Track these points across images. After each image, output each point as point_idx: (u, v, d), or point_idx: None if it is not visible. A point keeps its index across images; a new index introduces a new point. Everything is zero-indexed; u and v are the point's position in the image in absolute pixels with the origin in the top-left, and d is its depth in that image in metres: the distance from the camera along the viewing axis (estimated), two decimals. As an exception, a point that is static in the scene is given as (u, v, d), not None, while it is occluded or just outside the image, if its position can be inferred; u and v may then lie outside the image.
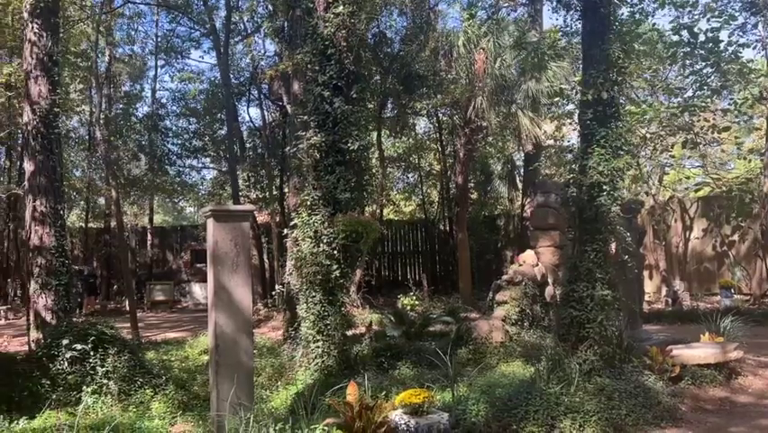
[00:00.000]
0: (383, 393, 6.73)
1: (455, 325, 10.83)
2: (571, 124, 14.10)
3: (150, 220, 24.78)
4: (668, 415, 6.36)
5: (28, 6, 8.83)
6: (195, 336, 12.50)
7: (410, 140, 24.01)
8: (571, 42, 14.65)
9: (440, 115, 20.93)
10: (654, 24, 12.30)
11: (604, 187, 7.34)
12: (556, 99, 15.24)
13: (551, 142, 21.08)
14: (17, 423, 6.68)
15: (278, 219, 19.78)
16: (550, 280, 11.20)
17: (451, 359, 7.06)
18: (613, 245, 7.72)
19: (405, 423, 5.50)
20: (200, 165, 25.18)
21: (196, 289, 21.08)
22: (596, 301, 7.22)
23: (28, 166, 8.98)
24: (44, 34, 8.87)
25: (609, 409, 6.09)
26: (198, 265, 22.11)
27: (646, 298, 15.05)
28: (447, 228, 22.90)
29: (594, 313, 7.19)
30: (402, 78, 16.26)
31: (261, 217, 21.00)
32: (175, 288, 21.38)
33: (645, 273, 15.66)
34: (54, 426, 6.31)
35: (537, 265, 11.20)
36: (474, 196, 22.03)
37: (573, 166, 8.12)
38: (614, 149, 7.45)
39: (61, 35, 11.27)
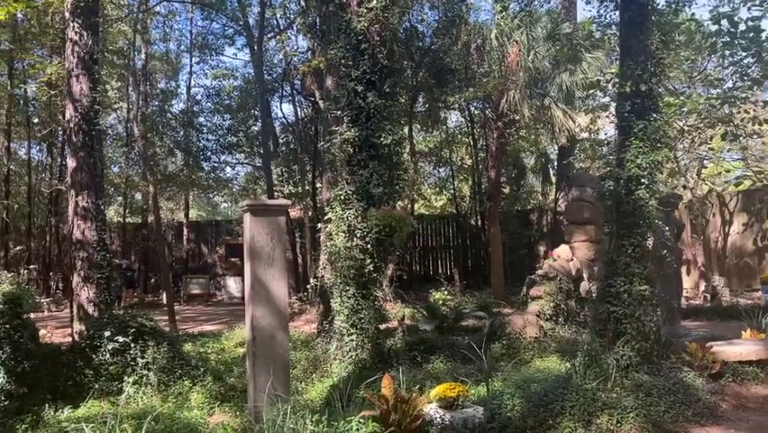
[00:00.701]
0: (417, 387, 6.76)
1: (488, 320, 10.79)
2: (608, 116, 13.86)
3: (186, 215, 25.21)
4: (709, 412, 6.24)
5: (69, 6, 9.05)
6: (230, 328, 12.70)
7: (441, 134, 23.93)
8: (606, 34, 14.40)
9: (472, 108, 20.80)
10: (693, 14, 12.00)
11: (642, 180, 7.22)
12: (591, 91, 14.99)
13: (585, 135, 20.78)
14: (62, 412, 6.91)
15: (310, 214, 19.94)
16: (585, 276, 11.06)
17: (485, 354, 7.06)
18: (651, 240, 7.58)
19: (440, 417, 5.51)
20: (234, 161, 25.50)
21: (231, 282, 21.38)
22: (633, 296, 7.11)
23: (70, 162, 9.23)
24: (85, 33, 9.09)
25: (648, 405, 6.00)
26: (233, 259, 22.42)
27: (684, 293, 14.73)
28: (479, 223, 22.79)
29: (631, 308, 7.09)
30: (434, 71, 16.20)
31: (294, 212, 21.19)
32: (210, 281, 21.73)
33: (683, 268, 15.32)
34: (97, 415, 6.51)
35: (572, 260, 11.07)
36: (506, 190, 21.86)
37: (610, 159, 8.00)
38: (652, 141, 7.31)
39: (100, 34, 11.52)
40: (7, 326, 7.12)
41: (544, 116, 16.65)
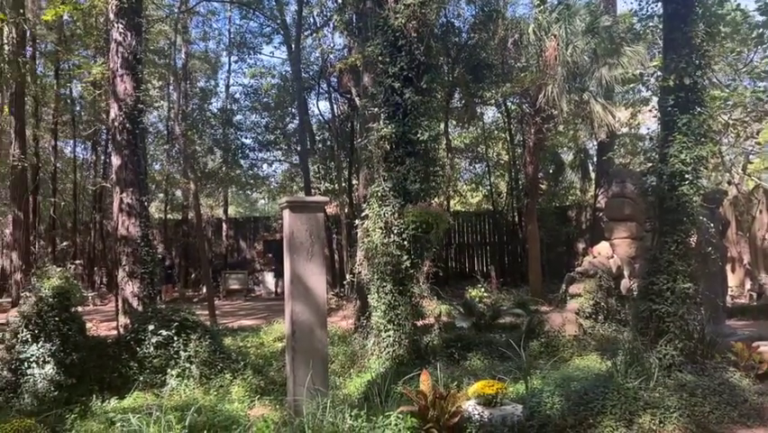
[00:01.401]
0: (455, 384, 6.75)
1: (526, 317, 10.69)
2: (651, 111, 13.57)
3: (225, 212, 25.63)
4: (755, 414, 6.07)
5: (113, 8, 9.29)
6: (268, 323, 12.86)
7: (477, 130, 23.77)
8: (647, 26, 14.06)
9: (509, 104, 20.60)
10: (739, 4, 11.65)
11: (686, 176, 7.06)
12: (631, 86, 14.69)
13: (625, 129, 20.38)
14: (109, 402, 7.12)
15: (346, 210, 20.05)
16: (626, 273, 10.87)
17: (523, 351, 7.01)
18: (694, 237, 7.41)
19: (478, 414, 5.50)
20: (272, 158, 25.80)
21: (269, 278, 21.66)
22: (677, 294, 6.97)
23: (115, 160, 9.47)
24: (128, 34, 9.31)
25: (692, 405, 5.88)
26: (270, 255, 22.72)
27: (729, 292, 14.34)
28: (516, 219, 22.57)
29: (675, 307, 6.94)
30: (470, 67, 16.09)
31: (330, 209, 21.34)
32: (248, 277, 22.03)
33: (728, 266, 14.91)
34: (142, 406, 6.68)
35: (612, 257, 10.89)
36: (544, 186, 21.59)
37: (653, 154, 7.84)
38: (696, 136, 7.14)
39: (143, 34, 11.78)
40: (56, 319, 7.38)
41: (582, 111, 16.40)
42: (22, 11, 13.11)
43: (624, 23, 15.39)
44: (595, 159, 20.27)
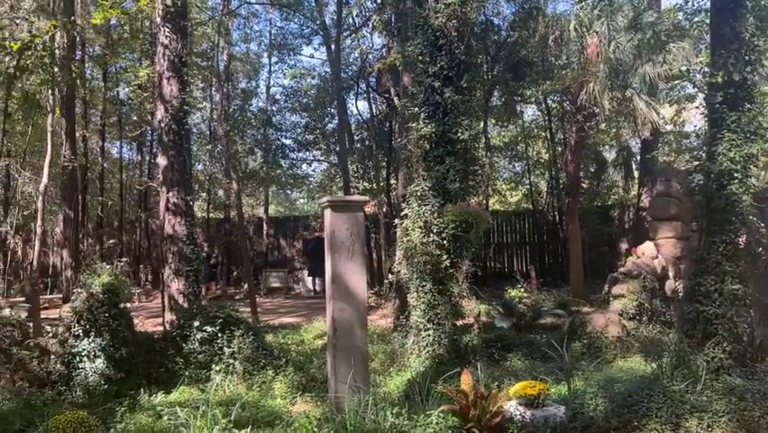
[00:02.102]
0: (495, 384, 6.73)
1: (567, 318, 10.56)
2: (698, 107, 13.23)
3: (266, 211, 25.98)
4: (808, 420, 5.88)
5: (160, 12, 9.52)
6: (308, 321, 13.01)
7: (517, 128, 23.54)
8: (693, 21, 13.71)
9: (549, 101, 20.34)
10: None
11: (735, 174, 6.88)
12: (676, 82, 14.34)
13: (669, 127, 19.90)
14: (156, 396, 7.33)
15: (384, 210, 20.10)
16: (671, 274, 10.64)
17: (565, 352, 6.93)
18: (744, 237, 7.22)
19: (520, 414, 5.48)
20: (311, 158, 26.05)
21: (308, 276, 21.85)
22: (725, 296, 6.80)
23: (161, 161, 9.72)
24: (174, 37, 9.53)
25: (741, 410, 5.73)
26: (306, 254, 22.94)
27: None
28: (556, 219, 22.27)
29: (723, 308, 6.78)
30: (510, 65, 15.96)
31: (368, 208, 21.41)
32: (288, 275, 22.28)
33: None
34: (188, 400, 6.86)
35: (657, 258, 10.67)
36: (586, 185, 21.24)
37: (699, 152, 7.69)
38: (746, 133, 6.95)
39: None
40: (106, 315, 7.63)
41: (625, 109, 16.06)
42: (72, 17, 13.53)
43: (668, 19, 15.04)
44: (638, 157, 19.85)
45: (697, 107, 13.05)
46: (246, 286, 18.73)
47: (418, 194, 8.61)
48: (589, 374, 7.07)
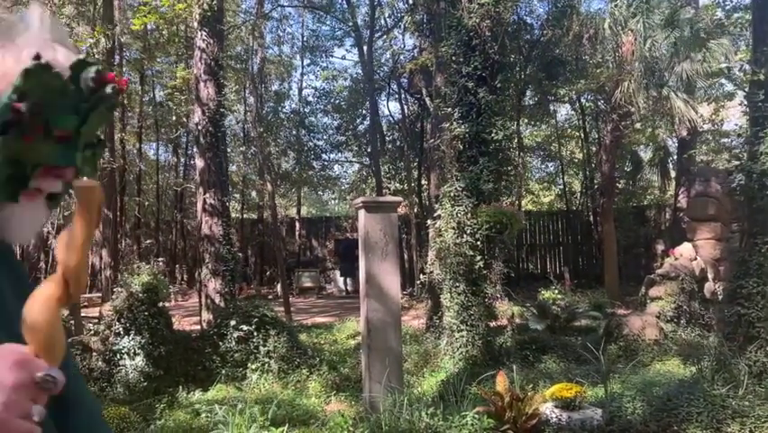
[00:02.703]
0: (530, 386, 6.69)
1: (603, 320, 10.41)
2: (741, 104, 12.93)
3: (298, 211, 26.23)
4: None
5: (197, 16, 9.71)
6: (341, 321, 13.08)
7: (550, 128, 23.32)
8: (733, 18, 13.39)
9: (583, 100, 20.10)
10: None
11: (778, 174, 6.72)
12: (715, 80, 14.03)
13: (708, 126, 19.47)
14: (193, 394, 7.47)
15: (416, 211, 20.10)
16: (710, 276, 10.41)
17: (602, 354, 6.85)
18: (787, 238, 7.04)
19: (556, 417, 5.43)
20: (342, 159, 26.19)
21: (340, 276, 21.98)
22: (768, 299, 6.65)
23: (198, 163, 9.90)
24: (211, 41, 9.71)
25: (785, 415, 5.59)
26: (339, 254, 23.06)
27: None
28: (590, 219, 21.98)
29: (765, 311, 6.62)
30: (543, 64, 15.83)
31: (400, 209, 21.40)
32: (321, 275, 22.44)
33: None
34: (225, 398, 6.98)
35: (695, 259, 10.45)
36: (621, 185, 20.92)
37: (740, 152, 7.50)
38: (791, 132, 6.78)
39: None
40: (146, 313, 7.81)
41: (662, 107, 15.78)
42: (111, 23, 13.86)
43: (707, 15, 14.73)
44: (675, 156, 19.47)
45: (740, 104, 12.77)
46: (279, 286, 18.93)
47: (451, 194, 8.60)
48: (626, 377, 6.97)
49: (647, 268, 17.64)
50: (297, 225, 25.03)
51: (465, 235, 8.35)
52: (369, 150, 22.98)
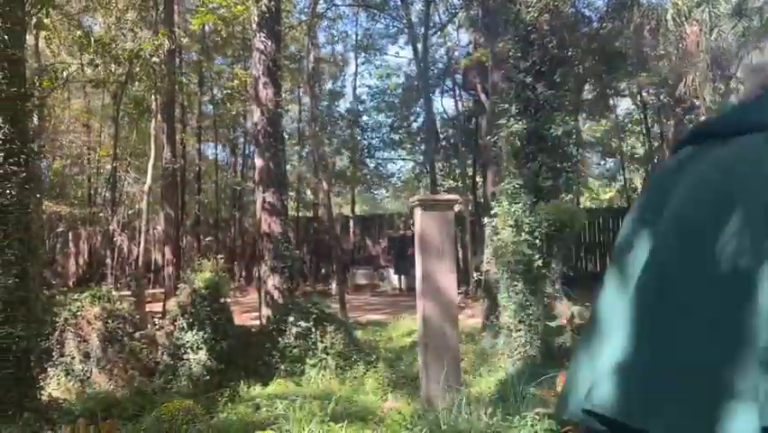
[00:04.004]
0: (592, 388, 6.53)
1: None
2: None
3: (352, 210, 26.43)
4: None
5: (256, 18, 9.88)
6: (395, 318, 13.10)
7: (609, 122, 22.70)
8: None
9: (644, 94, 19.48)
10: None
11: None
12: (788, 69, 13.32)
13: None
14: (254, 388, 7.65)
15: (470, 208, 19.93)
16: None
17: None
18: None
19: (621, 420, 5.28)
20: (396, 157, 26.23)
21: (393, 274, 22.04)
22: None
23: (258, 162, 10.09)
24: (269, 42, 9.88)
25: None
26: (393, 252, 23.11)
27: None
28: (652, 217, 21.28)
29: None
30: (603, 57, 15.41)
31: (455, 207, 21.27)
32: (374, 272, 22.54)
33: None
34: (283, 393, 7.11)
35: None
36: (684, 181, 20.14)
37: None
38: None
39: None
40: (208, 309, 8.03)
41: (729, 99, 15.14)
42: (172, 27, 14.27)
43: (779, 2, 14.04)
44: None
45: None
46: (334, 283, 19.12)
47: (509, 192, 8.49)
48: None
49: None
50: (351, 223, 25.22)
51: (523, 233, 8.22)
52: (423, 147, 22.93)
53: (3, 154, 6.13)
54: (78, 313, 8.15)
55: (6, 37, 6.25)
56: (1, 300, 6.08)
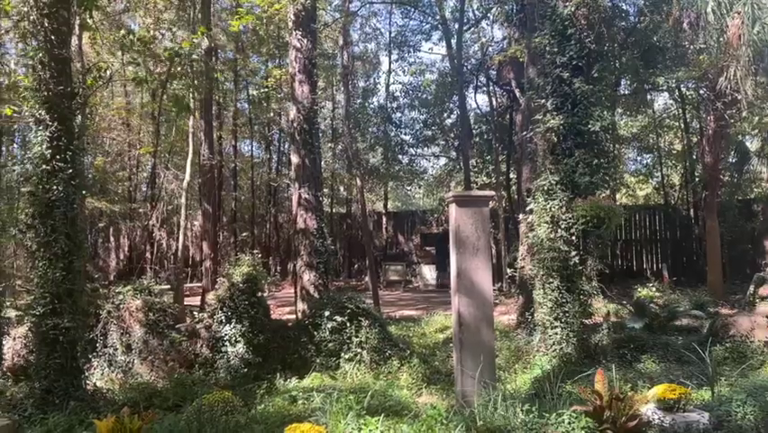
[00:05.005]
0: (628, 386, 6.47)
1: (706, 320, 9.89)
2: None
3: (385, 206, 26.50)
4: None
5: (292, 17, 9.99)
6: (428, 314, 13.12)
7: (646, 118, 22.27)
8: None
9: (683, 89, 19.04)
10: None
11: None
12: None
13: (826, 113, 17.95)
14: (290, 381, 7.76)
15: (504, 205, 19.80)
16: (829, 275, 9.64)
17: (707, 356, 6.52)
18: None
19: (659, 418, 5.24)
20: (429, 153, 26.17)
21: (426, 270, 22.04)
22: None
23: (294, 159, 10.22)
24: (305, 40, 9.97)
25: None
26: (427, 248, 23.09)
27: None
28: (691, 214, 20.85)
29: None
30: (640, 52, 15.14)
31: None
32: (407, 268, 22.59)
33: None
34: (319, 386, 7.20)
35: (812, 257, 9.70)
36: (725, 177, 19.66)
37: None
38: None
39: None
40: (246, 302, 8.19)
41: (773, 94, 14.73)
42: (209, 26, 14.52)
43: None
44: (787, 147, 18.11)
45: None
46: (367, 278, 19.24)
47: (545, 188, 8.42)
48: (735, 380, 6.60)
49: (754, 265, 16.56)
50: (384, 219, 25.31)
51: (560, 230, 8.17)
52: (456, 144, 22.85)
53: (51, 152, 6.35)
54: (121, 306, 8.39)
55: (53, 37, 6.47)
56: (49, 293, 6.31)
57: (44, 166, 6.31)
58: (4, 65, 10.66)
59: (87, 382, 6.96)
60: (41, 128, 6.36)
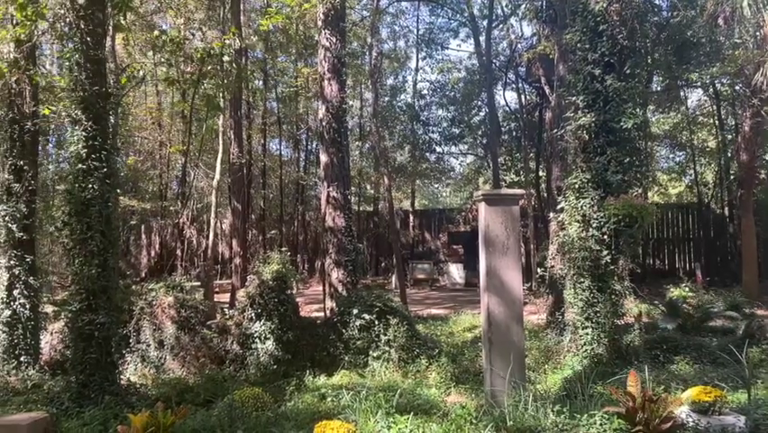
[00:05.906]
0: (661, 388, 6.35)
1: (741, 321, 9.67)
2: None
3: (412, 204, 26.46)
4: None
5: (321, 16, 10.03)
6: (456, 313, 13.08)
7: (679, 115, 21.84)
8: None
9: (717, 85, 18.63)
10: None
11: None
12: None
13: None
14: (318, 378, 7.81)
15: (533, 203, 19.62)
16: None
17: (744, 357, 6.37)
18: None
19: (694, 421, 5.13)
20: (456, 151, 26.07)
21: (453, 269, 21.97)
22: None
23: (322, 157, 10.26)
24: (334, 40, 10.00)
25: None
26: (454, 247, 23.00)
27: None
28: (725, 212, 20.39)
29: None
30: (673, 47, 14.84)
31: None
32: (434, 267, 22.53)
33: None
34: (348, 384, 7.23)
35: None
36: (762, 175, 19.18)
37: None
38: None
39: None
40: (276, 300, 8.26)
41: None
42: (239, 26, 14.66)
43: None
44: (828, 143, 17.57)
45: None
46: (393, 277, 19.24)
47: (576, 186, 8.32)
48: (773, 383, 6.44)
49: (792, 266, 16.16)
50: (411, 217, 25.27)
51: (591, 229, 8.06)
52: (484, 141, 22.70)
53: (86, 151, 6.49)
54: (153, 302, 8.54)
55: (89, 39, 6.60)
56: (84, 289, 6.45)
57: (80, 165, 6.44)
58: (41, 66, 10.90)
59: (121, 376, 7.10)
60: (77, 128, 6.49)
